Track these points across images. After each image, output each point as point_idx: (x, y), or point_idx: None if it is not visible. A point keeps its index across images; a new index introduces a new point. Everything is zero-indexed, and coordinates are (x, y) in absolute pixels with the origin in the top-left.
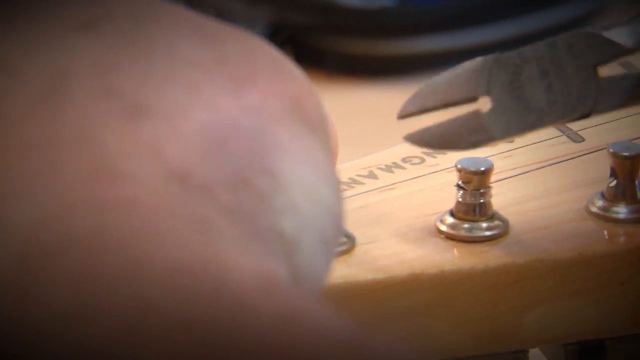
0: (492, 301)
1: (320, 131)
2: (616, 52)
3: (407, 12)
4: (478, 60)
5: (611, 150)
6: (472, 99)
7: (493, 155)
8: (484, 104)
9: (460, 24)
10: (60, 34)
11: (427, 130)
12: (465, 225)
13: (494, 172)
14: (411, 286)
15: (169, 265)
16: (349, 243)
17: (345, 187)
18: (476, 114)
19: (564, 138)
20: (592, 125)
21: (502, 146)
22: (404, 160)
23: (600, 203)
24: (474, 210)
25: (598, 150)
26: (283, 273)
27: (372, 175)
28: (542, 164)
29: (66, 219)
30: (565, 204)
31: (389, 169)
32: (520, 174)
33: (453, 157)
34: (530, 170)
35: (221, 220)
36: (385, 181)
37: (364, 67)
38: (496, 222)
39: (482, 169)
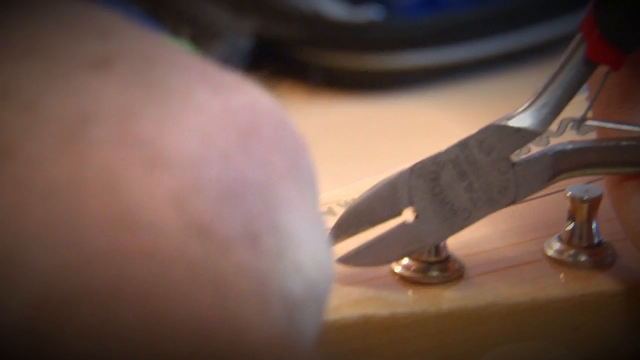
0: (445, 344)
1: (314, 186)
2: (525, 138)
3: (394, 27)
4: (394, 175)
5: (569, 193)
6: (397, 214)
7: None
8: (409, 215)
9: (447, 40)
10: (76, 71)
11: (359, 251)
12: (420, 268)
13: None
14: (363, 328)
15: (186, 320)
16: None
17: None
18: (404, 225)
19: None
20: None
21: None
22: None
23: (557, 246)
24: (429, 252)
25: (559, 191)
26: (294, 335)
27: (331, 212)
28: None
29: (87, 269)
30: (523, 246)
31: (347, 205)
32: None
33: None
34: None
35: (237, 277)
36: None
37: (349, 82)
38: (451, 265)
39: None
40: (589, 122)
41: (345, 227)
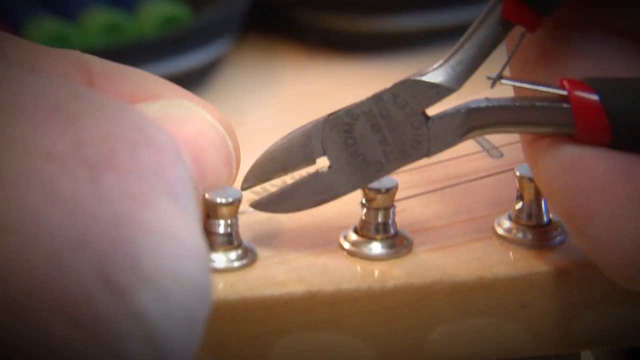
0: (390, 320)
1: (186, 195)
2: (439, 94)
3: None
4: (308, 124)
5: (517, 173)
6: (310, 162)
7: (409, 170)
8: (322, 164)
9: (443, 2)
10: None
11: (272, 197)
12: (367, 244)
13: (404, 186)
14: (308, 303)
15: None
16: (250, 256)
17: (256, 196)
18: (316, 174)
19: (483, 154)
20: (513, 142)
21: (420, 160)
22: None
23: (506, 224)
24: (377, 229)
25: (510, 170)
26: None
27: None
28: (456, 181)
29: None
30: (473, 223)
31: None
32: (431, 191)
33: None
34: (443, 188)
35: (98, 324)
36: None
37: (345, 43)
38: (399, 241)
39: (386, 188)
40: (504, 81)
41: (259, 173)
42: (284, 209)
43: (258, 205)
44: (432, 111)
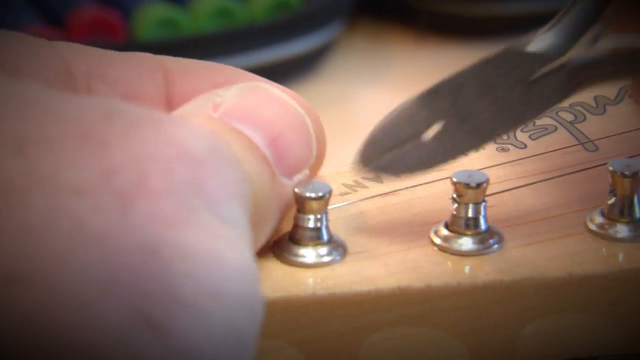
0: (481, 317)
1: (229, 204)
2: (541, 63)
3: None
4: (414, 96)
5: (610, 167)
6: (421, 132)
7: (501, 163)
8: (432, 132)
9: None
10: None
11: (386, 162)
12: (458, 239)
13: (499, 180)
14: (397, 299)
15: None
16: (340, 253)
17: (348, 190)
18: (428, 140)
19: (579, 147)
20: (608, 135)
21: (514, 153)
22: None
23: (599, 220)
24: (467, 224)
25: (603, 164)
26: None
27: (377, 178)
28: (549, 175)
29: None
30: (565, 218)
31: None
32: (524, 185)
33: (464, 162)
34: (535, 182)
35: None
36: (389, 185)
37: (455, 27)
38: (489, 237)
39: (477, 182)
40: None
41: (371, 149)
42: (396, 173)
43: (373, 167)
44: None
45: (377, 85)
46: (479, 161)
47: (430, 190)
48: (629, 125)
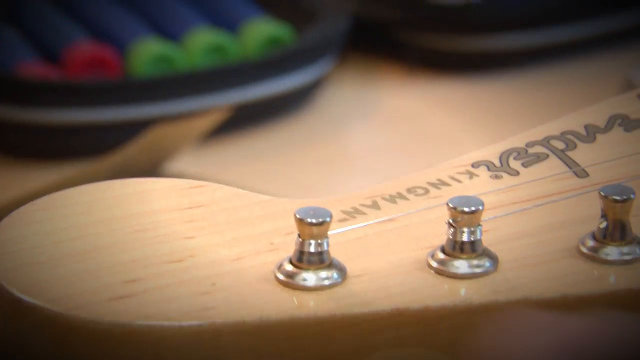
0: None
1: None
2: None
3: (491, 9)
4: None
5: (602, 193)
6: None
7: (494, 190)
8: None
9: (543, 22)
10: None
11: None
12: (454, 262)
13: (493, 206)
14: (396, 320)
15: None
16: (340, 276)
17: (346, 216)
18: None
19: (570, 173)
20: (599, 162)
21: (507, 180)
22: (408, 190)
23: (590, 243)
24: (462, 248)
25: (594, 190)
26: None
27: (374, 206)
28: (541, 201)
29: None
30: (558, 242)
31: (392, 199)
32: (517, 211)
33: (458, 189)
34: (528, 207)
35: None
36: (386, 212)
37: (445, 62)
38: (485, 260)
39: (472, 208)
40: None
41: None
42: None
43: None
44: None
45: (368, 119)
46: (473, 188)
47: (427, 216)
48: (618, 152)
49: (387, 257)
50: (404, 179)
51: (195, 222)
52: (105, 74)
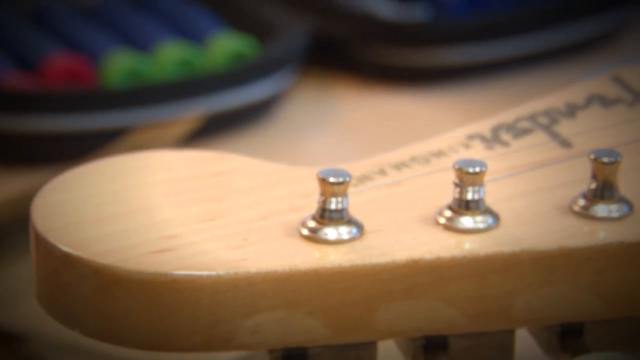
0: (482, 285)
1: None
2: None
3: (442, 25)
4: None
5: (592, 156)
6: None
7: (489, 157)
8: None
9: (492, 36)
10: None
11: None
12: (460, 218)
13: (489, 172)
14: (409, 270)
15: None
16: (358, 231)
17: (357, 182)
18: None
19: (556, 144)
20: (580, 133)
21: (499, 150)
22: (411, 159)
23: (582, 202)
24: (467, 206)
25: (583, 155)
26: None
27: (382, 172)
28: (532, 166)
29: None
30: (551, 202)
31: (397, 167)
32: (512, 175)
33: (455, 158)
34: (521, 172)
35: None
36: (393, 177)
37: (399, 76)
38: (488, 216)
39: (476, 169)
40: None
41: None
42: None
43: None
44: None
45: (325, 131)
46: (469, 157)
47: (430, 180)
48: (598, 125)
49: (399, 215)
50: (407, 149)
51: (220, 187)
52: (80, 85)
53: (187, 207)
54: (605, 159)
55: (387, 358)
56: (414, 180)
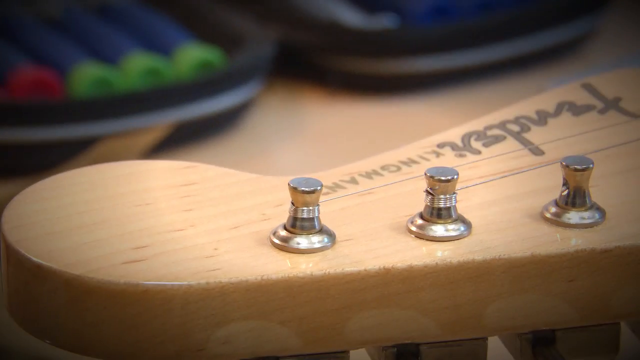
0: (454, 293)
1: None
2: None
3: (407, 33)
4: None
5: (564, 163)
6: None
7: (461, 165)
8: None
9: (457, 45)
10: None
11: None
12: (432, 227)
13: (460, 180)
14: (382, 279)
15: None
16: (330, 240)
17: (329, 190)
18: None
19: (527, 151)
20: (552, 141)
21: (471, 157)
22: (382, 168)
23: (553, 209)
24: (440, 214)
25: (555, 162)
26: None
27: (353, 181)
28: (504, 174)
29: None
30: (523, 209)
31: (368, 175)
32: (484, 182)
33: (426, 166)
34: (493, 179)
35: None
36: (364, 186)
37: (365, 85)
38: (460, 224)
39: (448, 177)
40: None
41: None
42: None
43: None
44: None
45: (292, 140)
46: (440, 165)
47: (401, 189)
48: (569, 133)
49: (370, 224)
50: (378, 158)
51: (191, 197)
52: (48, 96)
53: (158, 217)
54: (577, 166)
55: None
56: (386, 189)
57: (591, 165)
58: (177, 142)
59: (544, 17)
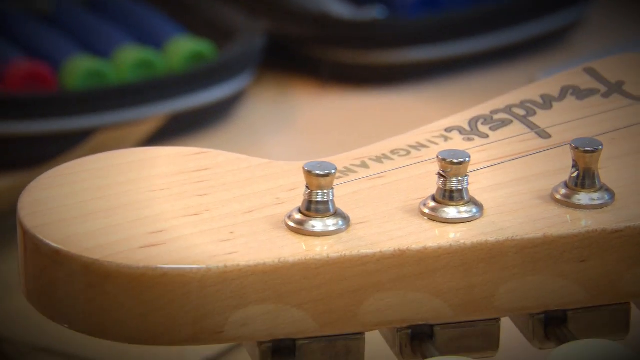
0: (467, 274)
1: None
2: None
3: (396, 24)
4: None
5: (573, 145)
6: None
7: (470, 149)
8: None
9: (446, 36)
10: None
11: None
12: (445, 209)
13: (471, 163)
14: (397, 260)
15: None
16: (345, 223)
17: (340, 174)
18: None
19: (534, 134)
20: (558, 124)
21: (479, 141)
22: (392, 152)
23: (563, 191)
24: (452, 196)
25: (562, 145)
26: None
27: (364, 165)
28: (513, 157)
29: None
30: (533, 191)
31: (378, 159)
32: (493, 165)
33: (435, 150)
34: (502, 162)
35: None
36: (375, 170)
37: (355, 76)
38: (472, 206)
39: (460, 159)
40: None
41: None
42: None
43: None
44: None
45: (284, 131)
46: (449, 149)
47: (411, 172)
48: (574, 116)
49: (383, 207)
50: (387, 142)
51: (205, 182)
52: (42, 89)
53: (173, 202)
54: (587, 148)
55: (375, 348)
56: (397, 172)
57: (600, 147)
58: (170, 133)
59: (531, 7)
